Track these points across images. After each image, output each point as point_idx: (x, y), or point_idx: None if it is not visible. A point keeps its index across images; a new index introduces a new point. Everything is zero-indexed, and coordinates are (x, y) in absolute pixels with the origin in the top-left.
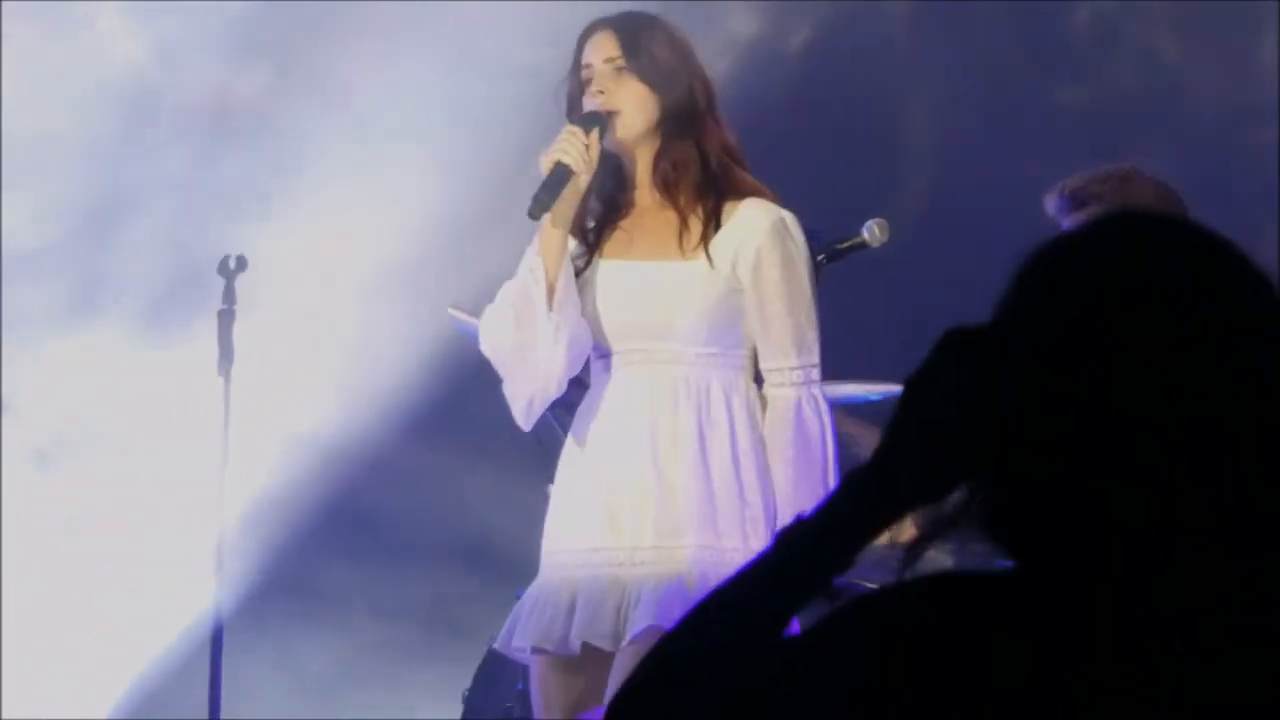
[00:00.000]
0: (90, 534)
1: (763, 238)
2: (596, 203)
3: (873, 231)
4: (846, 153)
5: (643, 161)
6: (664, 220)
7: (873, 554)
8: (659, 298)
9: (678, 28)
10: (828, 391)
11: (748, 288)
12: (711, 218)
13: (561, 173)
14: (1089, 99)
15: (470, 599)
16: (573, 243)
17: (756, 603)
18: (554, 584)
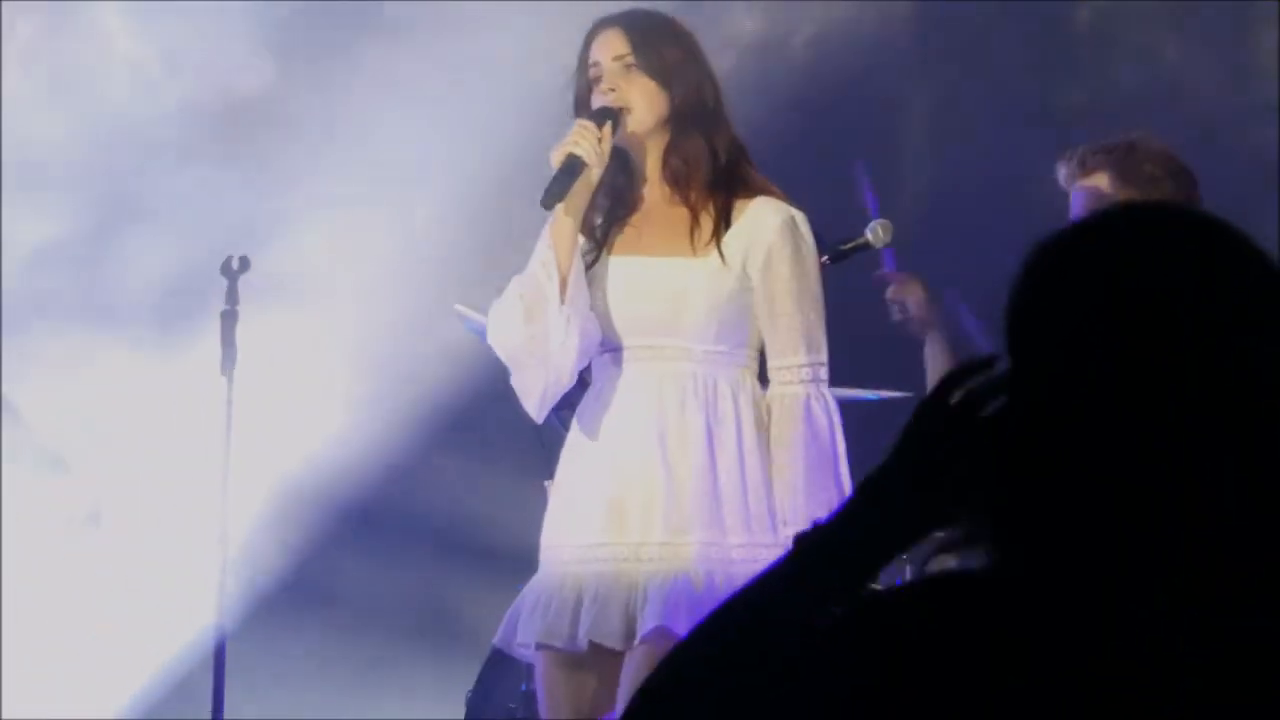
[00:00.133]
0: (92, 534)
1: (774, 235)
2: (605, 198)
3: (876, 232)
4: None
5: (652, 157)
6: (674, 216)
7: None
8: (669, 293)
9: (684, 25)
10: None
11: (757, 285)
12: (722, 215)
13: (574, 164)
14: (1089, 99)
15: (473, 600)
16: (580, 239)
17: (773, 611)
18: (557, 579)
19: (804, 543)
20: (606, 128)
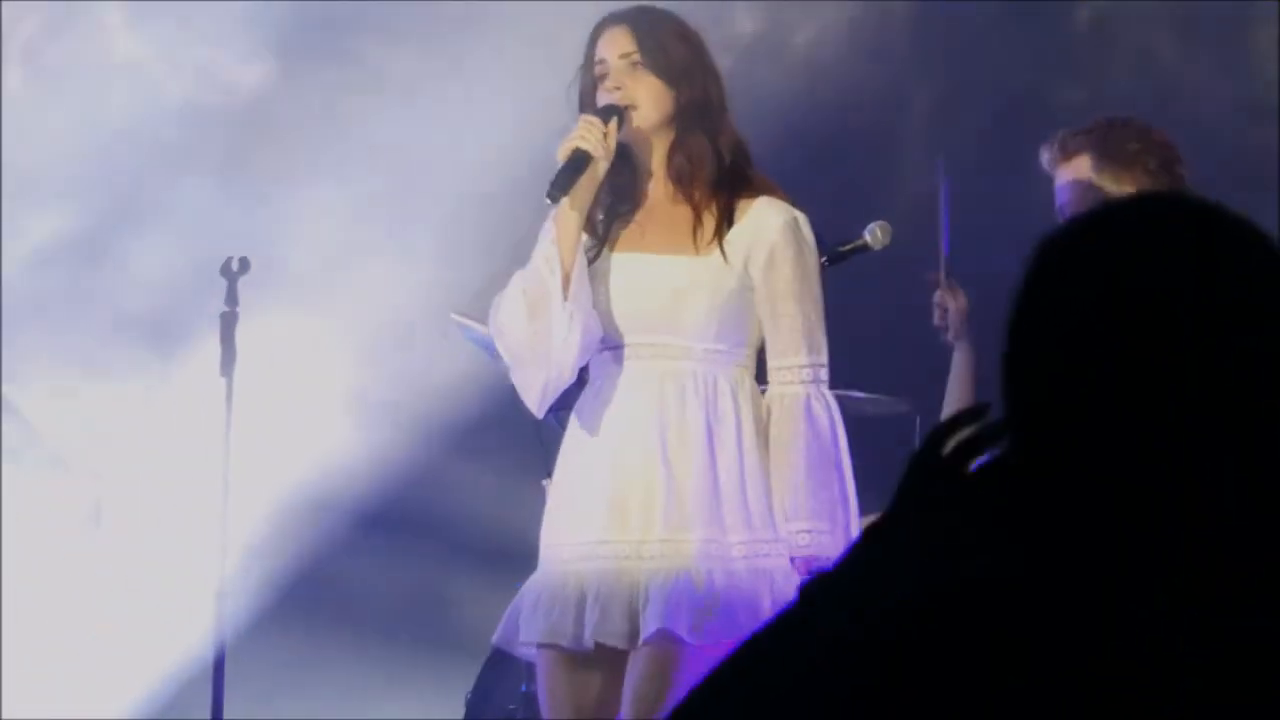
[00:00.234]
0: (92, 534)
1: (777, 235)
2: (608, 195)
3: (875, 234)
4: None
5: (657, 155)
6: (677, 214)
7: None
8: (671, 291)
9: (690, 23)
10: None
11: (759, 284)
12: (725, 214)
13: (580, 158)
14: (1088, 99)
15: (473, 600)
16: (583, 235)
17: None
18: (559, 577)
19: (808, 591)
20: (612, 123)
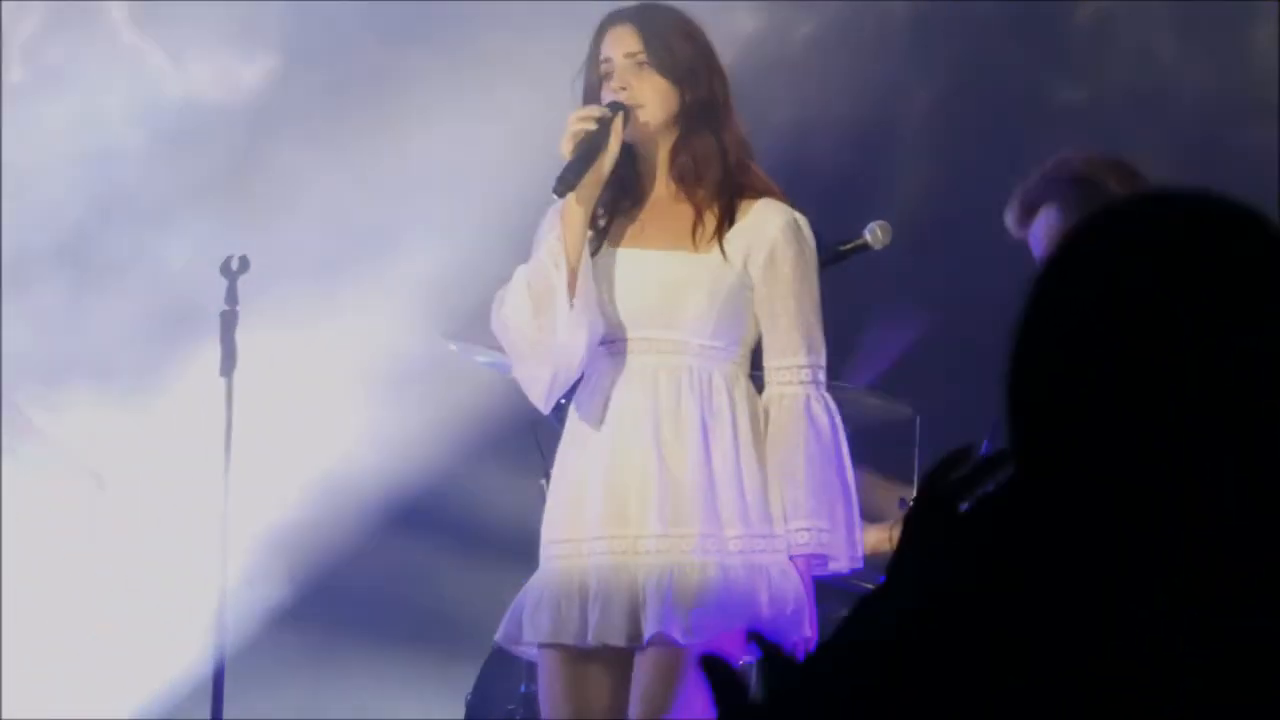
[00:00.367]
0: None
1: (777, 235)
2: (610, 191)
3: (875, 234)
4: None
5: (661, 153)
6: (678, 212)
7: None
8: (670, 286)
9: (695, 21)
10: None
11: (758, 285)
12: (726, 213)
13: (586, 152)
14: (1087, 98)
15: (473, 600)
16: None
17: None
18: (560, 576)
19: (810, 667)
20: (618, 120)
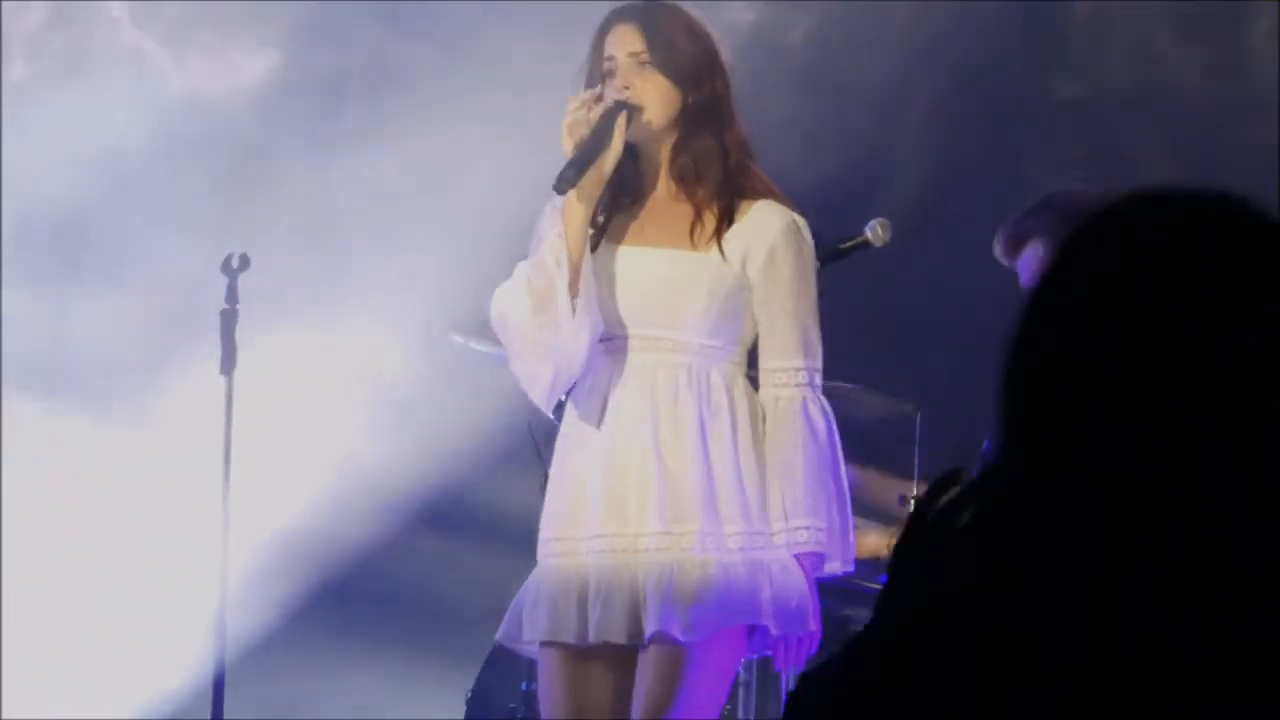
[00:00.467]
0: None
1: (777, 236)
2: (610, 189)
3: (875, 231)
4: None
5: (661, 153)
6: (677, 212)
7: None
8: (669, 285)
9: (698, 18)
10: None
11: (757, 285)
12: (725, 213)
13: (589, 150)
14: (1086, 95)
15: (474, 599)
16: None
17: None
18: (559, 573)
19: (794, 701)
20: (621, 118)
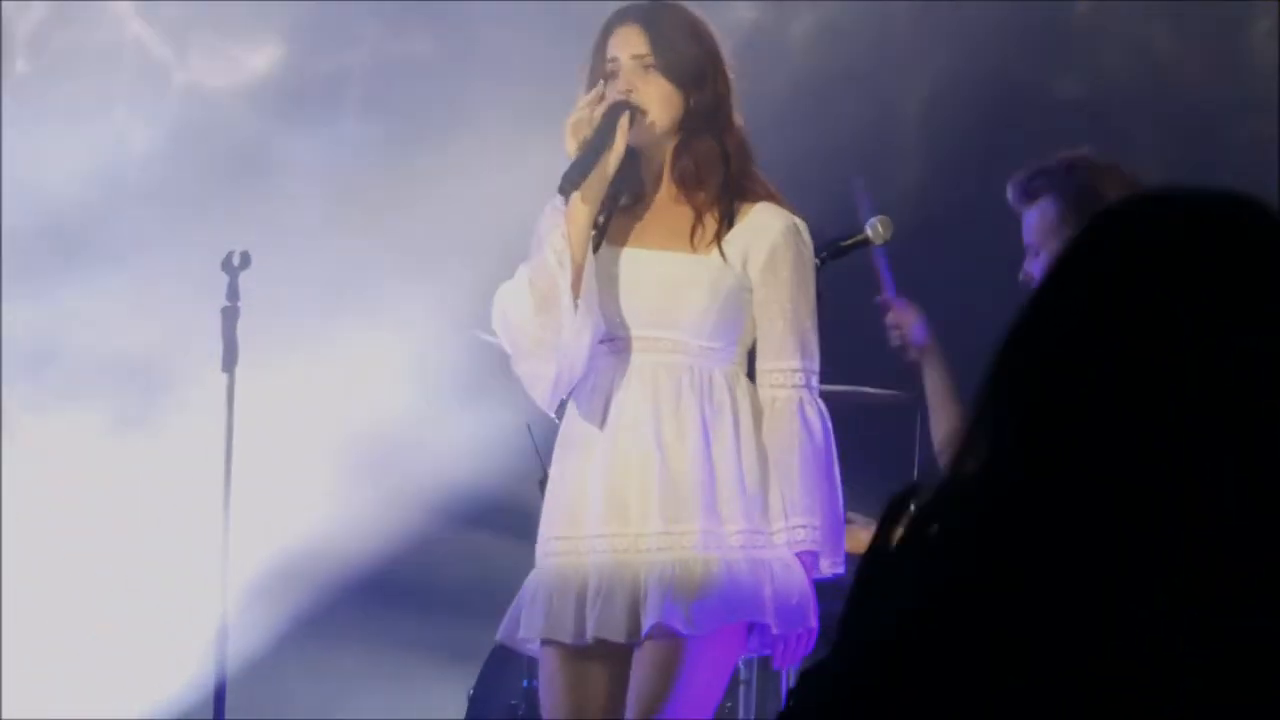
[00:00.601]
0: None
1: (777, 238)
2: (610, 190)
3: (876, 229)
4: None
5: (663, 155)
6: (678, 214)
7: None
8: (670, 286)
9: (702, 19)
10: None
11: (756, 286)
12: (725, 216)
13: (592, 151)
14: (1086, 93)
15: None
16: None
17: None
18: (559, 572)
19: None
20: (623, 119)
